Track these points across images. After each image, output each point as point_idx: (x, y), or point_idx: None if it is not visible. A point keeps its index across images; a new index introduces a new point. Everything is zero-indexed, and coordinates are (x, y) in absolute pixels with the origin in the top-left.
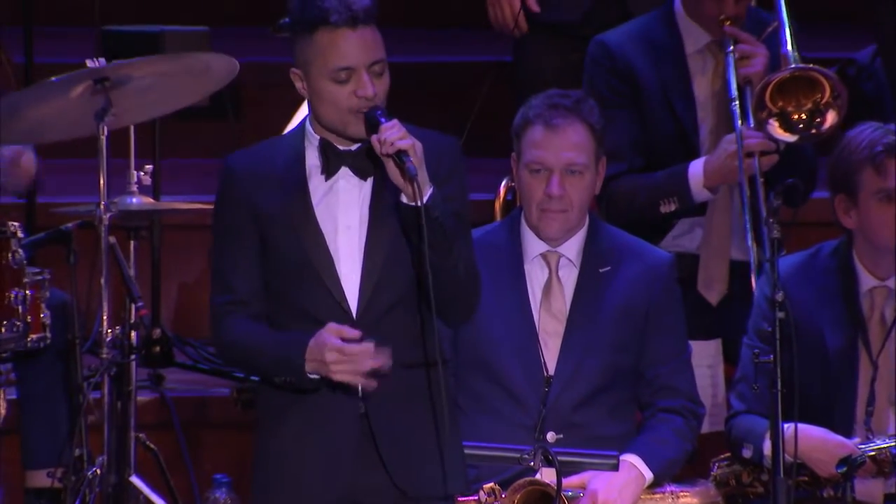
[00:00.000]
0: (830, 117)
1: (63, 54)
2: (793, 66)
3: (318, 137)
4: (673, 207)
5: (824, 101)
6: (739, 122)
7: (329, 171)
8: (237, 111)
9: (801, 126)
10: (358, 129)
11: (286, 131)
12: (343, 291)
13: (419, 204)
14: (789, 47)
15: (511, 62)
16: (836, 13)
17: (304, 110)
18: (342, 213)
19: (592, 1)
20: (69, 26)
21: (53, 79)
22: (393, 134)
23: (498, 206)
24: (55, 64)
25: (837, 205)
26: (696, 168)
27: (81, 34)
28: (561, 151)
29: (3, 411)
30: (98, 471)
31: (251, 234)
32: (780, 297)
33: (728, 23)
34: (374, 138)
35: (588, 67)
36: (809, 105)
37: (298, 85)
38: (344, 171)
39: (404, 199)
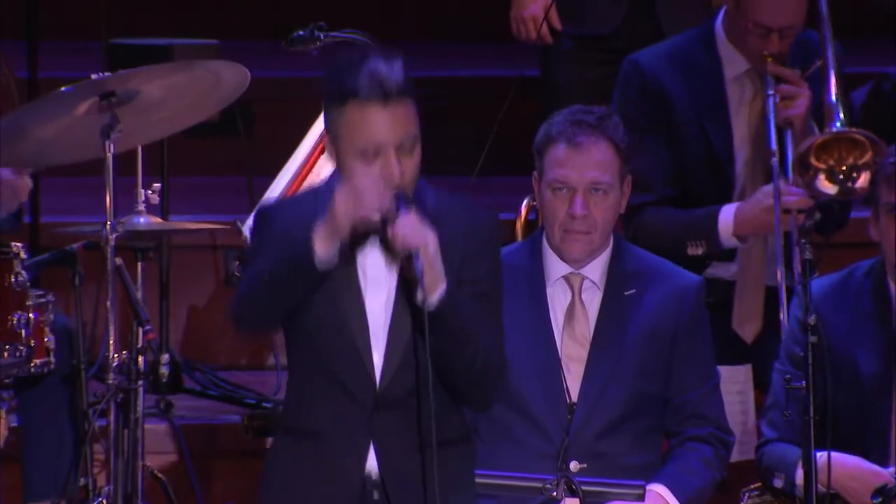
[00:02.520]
0: (864, 177)
1: (68, 69)
2: (836, 129)
3: None
4: (700, 251)
5: (863, 161)
6: (779, 175)
7: (359, 243)
8: (248, 127)
9: (841, 177)
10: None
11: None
12: (373, 363)
13: (423, 307)
14: (834, 97)
15: (536, 77)
16: (871, 27)
17: (318, 125)
18: (370, 286)
19: (622, 15)
20: (75, 40)
21: (63, 89)
22: (405, 230)
23: (519, 226)
24: (60, 79)
25: (870, 218)
26: (728, 214)
27: (87, 48)
28: (584, 170)
29: (4, 431)
30: (104, 502)
31: None
32: (812, 320)
33: (770, 59)
34: (388, 230)
35: (619, 86)
36: (851, 160)
37: (329, 149)
38: (372, 247)
39: (417, 297)
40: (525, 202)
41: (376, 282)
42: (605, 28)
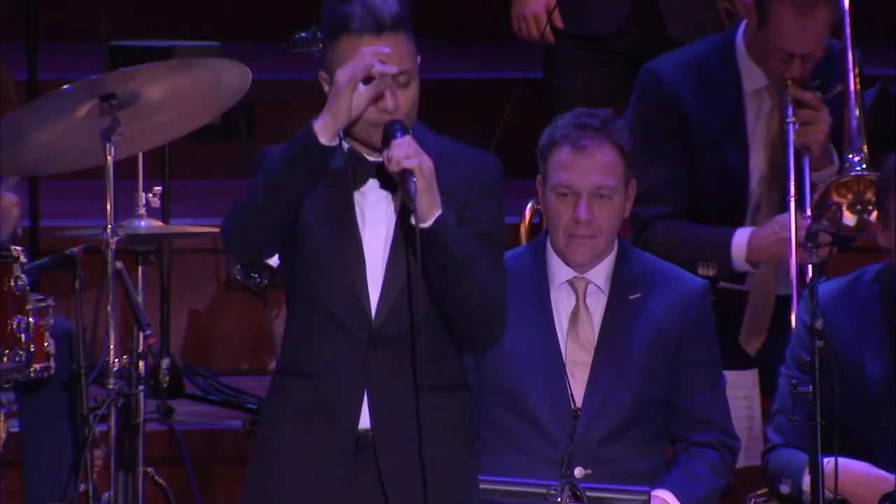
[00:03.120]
0: (875, 215)
1: (68, 71)
2: (857, 170)
3: (347, 147)
4: (711, 273)
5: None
6: (793, 209)
7: (356, 181)
8: (250, 130)
9: (858, 208)
10: (380, 141)
11: None
12: (369, 300)
13: (415, 226)
14: (855, 126)
15: (540, 79)
16: (879, 31)
17: None
18: (369, 225)
19: (623, 14)
20: (75, 42)
21: (63, 88)
22: (399, 152)
23: (523, 229)
24: (60, 81)
25: (877, 222)
26: (741, 238)
27: (88, 50)
28: (589, 174)
29: (3, 434)
30: None
31: None
32: (819, 324)
33: (791, 84)
34: (384, 154)
35: (636, 96)
36: (869, 195)
37: (325, 89)
38: (372, 183)
39: (411, 220)
40: (529, 206)
41: (375, 220)
42: (606, 28)
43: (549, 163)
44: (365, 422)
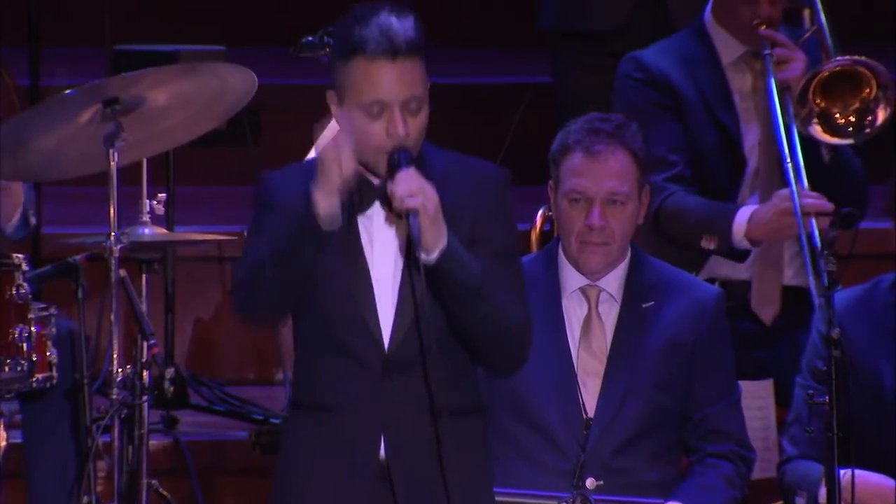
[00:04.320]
0: (882, 113)
1: (71, 76)
2: (837, 59)
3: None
4: (712, 246)
5: (873, 95)
6: (793, 183)
7: (362, 205)
8: (256, 136)
9: (850, 129)
10: (386, 169)
11: (309, 157)
12: (380, 326)
13: (419, 265)
14: (829, 42)
15: (549, 83)
16: (880, 33)
17: (326, 133)
18: (377, 250)
19: (626, 12)
20: (77, 46)
21: (66, 92)
22: (402, 189)
23: (534, 236)
24: (62, 86)
25: (894, 230)
26: (744, 216)
27: (91, 55)
28: (602, 180)
29: (3, 443)
30: None
31: None
32: (835, 333)
33: (763, 26)
34: (388, 187)
35: (620, 83)
36: (857, 104)
37: (333, 108)
38: (378, 207)
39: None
40: (540, 212)
41: (383, 245)
42: (610, 24)
43: (562, 168)
44: (383, 452)
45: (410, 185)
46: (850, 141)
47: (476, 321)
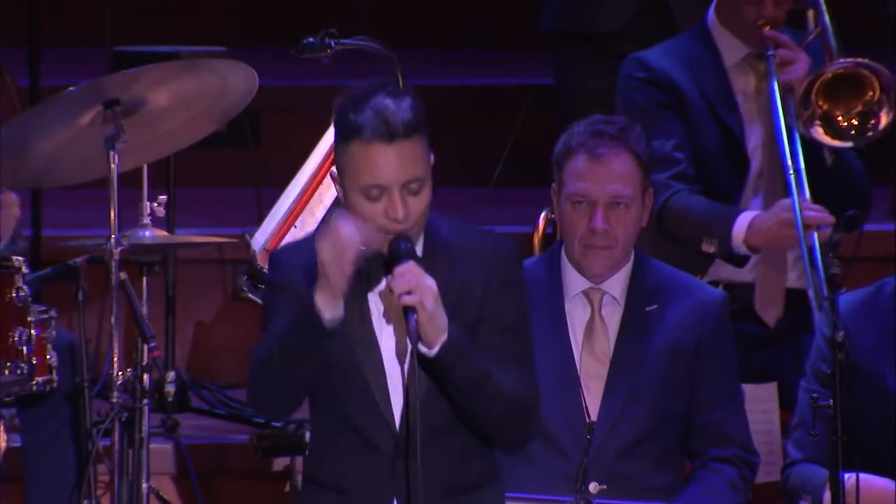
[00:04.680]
0: (885, 116)
1: (71, 77)
2: (840, 61)
3: None
4: (712, 249)
5: (875, 98)
6: (795, 193)
7: (370, 283)
8: (257, 138)
9: (852, 132)
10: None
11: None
12: (391, 408)
13: (415, 359)
14: (833, 44)
15: (552, 85)
16: (881, 37)
17: (328, 137)
18: (386, 331)
19: (631, 12)
20: (78, 47)
21: (67, 90)
22: (400, 286)
23: (537, 239)
24: (63, 87)
25: None
26: (744, 221)
27: (91, 56)
28: (605, 183)
29: (3, 444)
30: None
31: None
32: (840, 336)
33: (767, 27)
34: (387, 280)
35: (622, 83)
36: (860, 107)
37: (336, 188)
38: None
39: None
40: (543, 215)
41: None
42: (614, 25)
43: (565, 171)
44: None
45: (409, 282)
46: (852, 144)
47: (481, 407)
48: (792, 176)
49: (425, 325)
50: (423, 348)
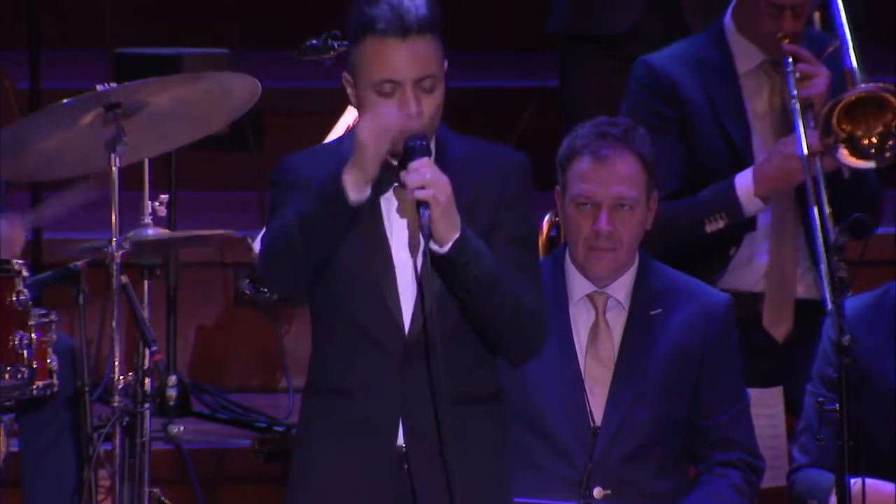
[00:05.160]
0: None
1: (72, 79)
2: (861, 86)
3: None
4: (721, 224)
5: (895, 122)
6: (801, 125)
7: (382, 187)
8: (258, 139)
9: (872, 150)
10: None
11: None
12: (401, 309)
13: (427, 255)
14: (854, 63)
15: (556, 87)
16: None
17: (329, 139)
18: (396, 231)
19: (639, 13)
20: (78, 49)
21: (65, 101)
22: (413, 180)
23: (540, 242)
24: (63, 89)
25: None
26: (745, 178)
27: (92, 57)
28: (610, 185)
29: (3, 449)
30: None
31: None
32: (846, 340)
33: (786, 40)
34: (401, 175)
35: (630, 87)
36: (880, 128)
37: (348, 91)
38: (397, 188)
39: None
40: (547, 217)
41: (403, 226)
42: (621, 27)
43: (569, 173)
44: (402, 437)
45: (423, 176)
46: (873, 164)
47: (490, 311)
48: (797, 106)
49: (438, 220)
50: (434, 246)
